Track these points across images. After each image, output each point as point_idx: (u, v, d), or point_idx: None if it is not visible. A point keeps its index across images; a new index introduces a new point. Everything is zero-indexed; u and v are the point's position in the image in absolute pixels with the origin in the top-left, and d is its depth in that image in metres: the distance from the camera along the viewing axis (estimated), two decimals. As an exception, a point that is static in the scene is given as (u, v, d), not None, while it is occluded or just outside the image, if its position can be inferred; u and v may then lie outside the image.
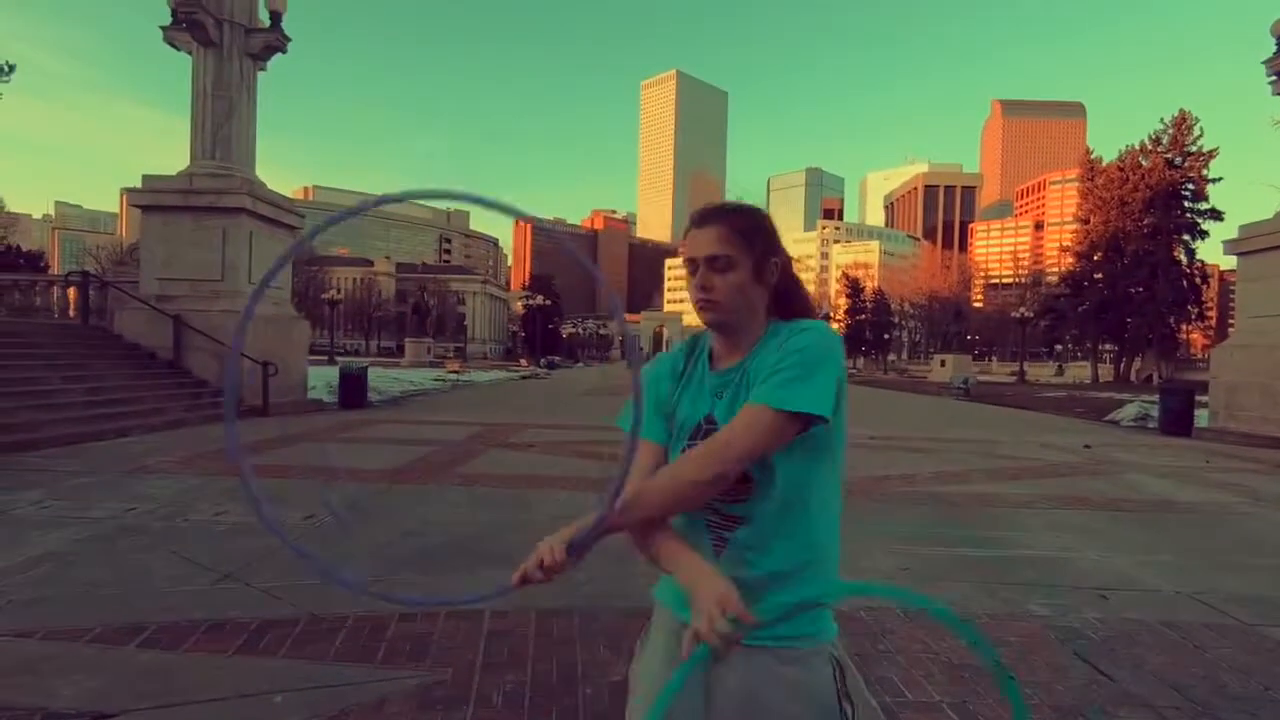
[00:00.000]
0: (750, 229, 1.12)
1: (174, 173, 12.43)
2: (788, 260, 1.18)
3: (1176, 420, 13.16)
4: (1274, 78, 12.59)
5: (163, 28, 12.28)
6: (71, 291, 14.76)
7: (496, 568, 4.02)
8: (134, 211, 15.20)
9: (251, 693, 2.54)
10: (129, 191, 12.02)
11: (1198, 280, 44.48)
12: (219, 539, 4.43)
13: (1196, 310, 45.31)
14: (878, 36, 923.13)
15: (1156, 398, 15.03)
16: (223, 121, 12.27)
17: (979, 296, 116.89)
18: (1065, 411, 19.00)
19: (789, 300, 1.17)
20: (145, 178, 12.00)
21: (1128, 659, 3.05)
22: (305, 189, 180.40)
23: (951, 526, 5.41)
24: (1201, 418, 13.72)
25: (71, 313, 14.53)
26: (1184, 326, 48.02)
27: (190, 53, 12.42)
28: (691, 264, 1.12)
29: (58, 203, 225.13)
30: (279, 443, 8.66)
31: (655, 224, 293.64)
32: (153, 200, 11.91)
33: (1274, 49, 12.46)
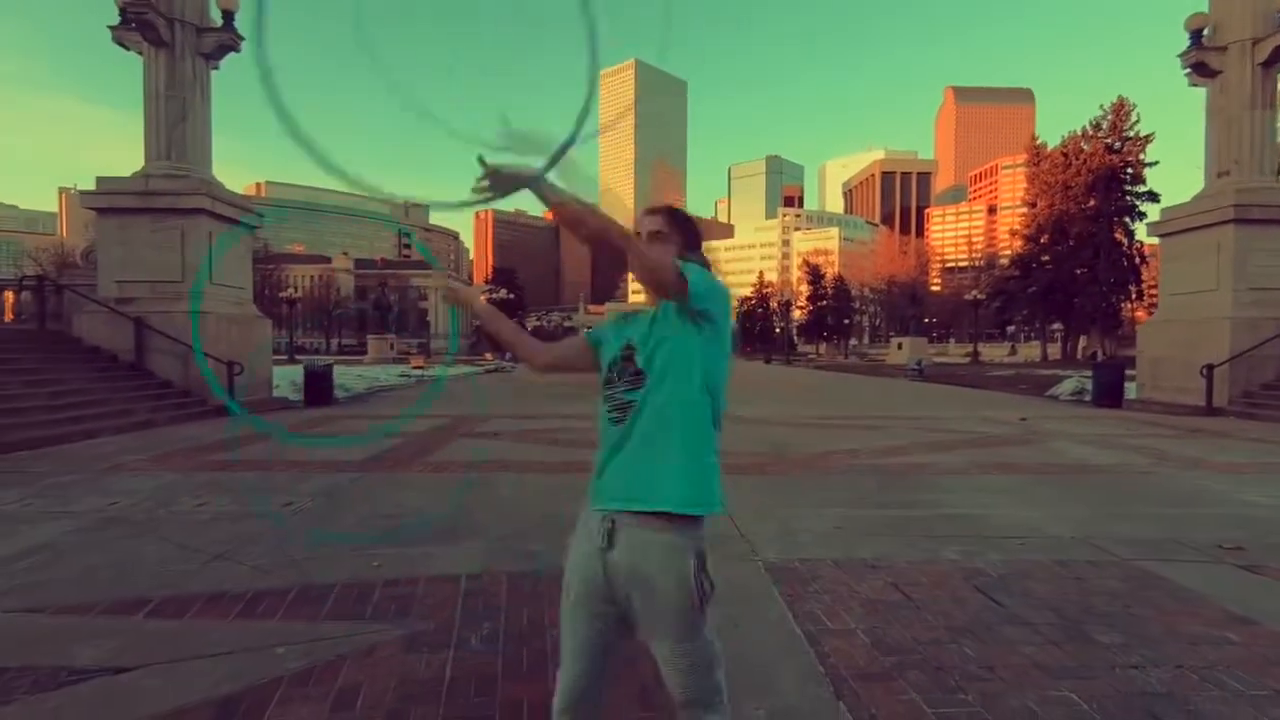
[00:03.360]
0: (678, 219, 1.65)
1: (122, 171, 12.35)
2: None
3: (1107, 393, 14.04)
4: (1188, 70, 13.47)
5: (111, 27, 12.15)
6: (9, 295, 14.55)
7: (471, 540, 4.39)
8: (74, 212, 15.01)
9: (255, 647, 2.88)
10: (84, 194, 11.88)
11: (1137, 260, 46.45)
12: (203, 527, 4.70)
13: (1137, 289, 47.30)
14: (833, 25, 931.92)
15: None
16: (177, 122, 12.21)
17: (936, 280, 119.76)
18: (1010, 388, 19.96)
19: None
20: (100, 180, 11.88)
21: (1019, 590, 3.57)
22: (257, 185, 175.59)
23: (885, 493, 5.93)
24: (1131, 390, 14.65)
25: (8, 316, 14.34)
26: (1126, 305, 50.12)
27: (140, 53, 12.31)
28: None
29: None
30: (252, 439, 8.83)
31: (617, 214, 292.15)
32: (108, 203, 11.82)
33: (1188, 43, 13.31)
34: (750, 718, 2.36)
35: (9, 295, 14.70)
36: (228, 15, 12.80)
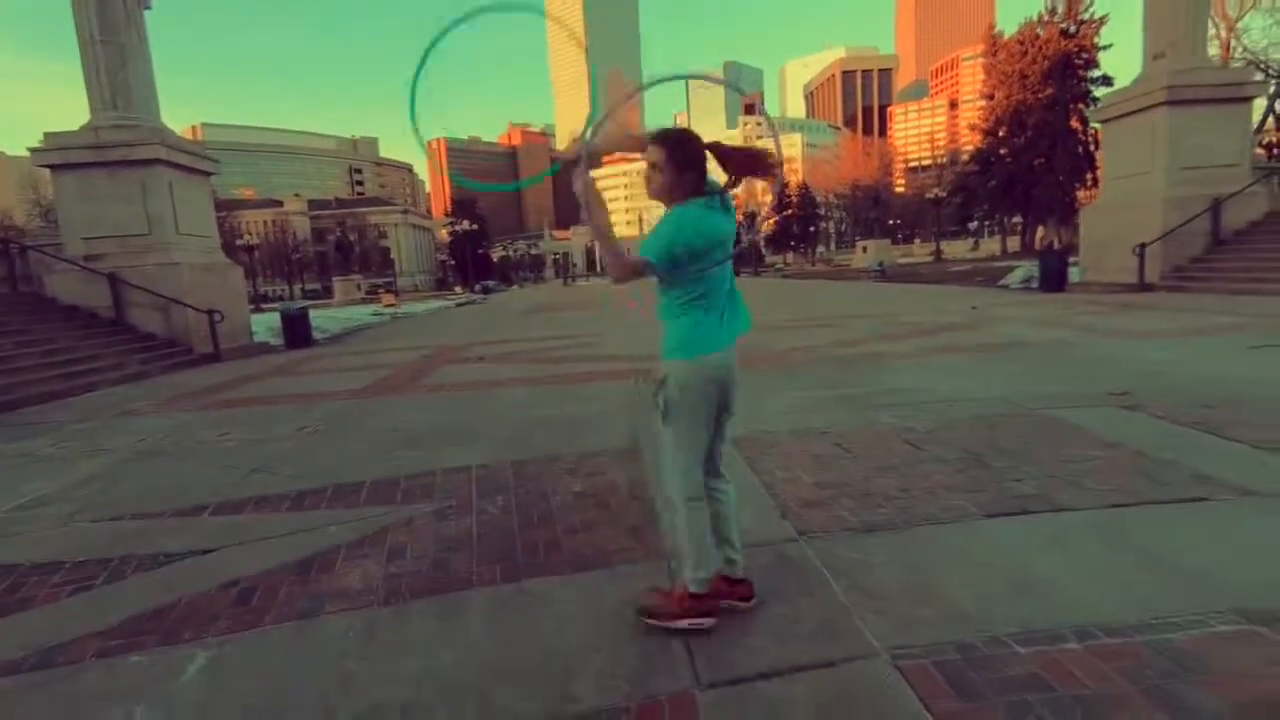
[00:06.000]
0: (671, 148, 2.19)
1: (50, 124, 12.11)
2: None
3: (1053, 278, 14.89)
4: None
5: (32, -29, 11.63)
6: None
7: (476, 443, 5.00)
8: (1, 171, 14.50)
9: (311, 528, 3.49)
10: (34, 151, 11.65)
11: (1092, 147, 46.90)
12: (232, 451, 5.24)
13: (1093, 177, 47.97)
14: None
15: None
16: (117, 69, 11.89)
17: (900, 181, 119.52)
18: (967, 282, 20.85)
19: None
20: (48, 135, 11.63)
21: (938, 438, 4.29)
22: (193, 128, 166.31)
23: (838, 377, 6.63)
24: (1076, 274, 15.53)
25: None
26: (1083, 193, 50.98)
27: (67, -5, 11.84)
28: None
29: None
30: (249, 379, 9.27)
31: (575, 135, 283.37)
32: (61, 158, 11.62)
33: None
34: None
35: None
36: (154, -50, 12.27)
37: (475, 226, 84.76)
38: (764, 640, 2.24)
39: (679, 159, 2.13)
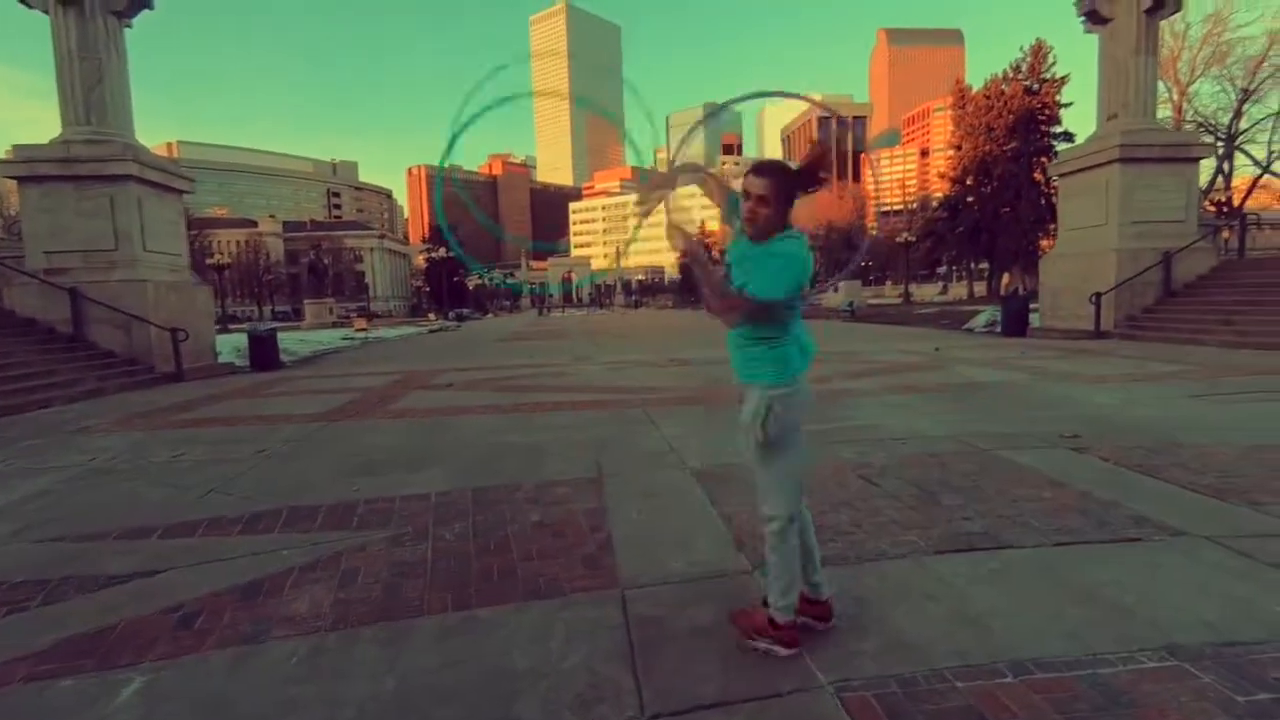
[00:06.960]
0: (781, 185, 2.20)
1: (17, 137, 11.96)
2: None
3: (1014, 323, 15.34)
4: (1083, 18, 14.42)
5: (11, -15, 11.60)
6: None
7: (437, 469, 4.97)
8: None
9: (263, 551, 3.44)
10: (1, 162, 11.51)
11: (1054, 199, 48.78)
12: (187, 471, 5.14)
13: (1054, 227, 49.75)
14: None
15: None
16: (93, 85, 11.82)
17: (873, 224, 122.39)
18: (933, 323, 21.35)
19: None
20: (16, 147, 11.48)
21: (893, 475, 4.38)
22: (169, 145, 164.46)
23: (803, 413, 6.73)
24: (1036, 320, 16.01)
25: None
26: (1045, 242, 52.73)
27: (46, 11, 11.80)
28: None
29: None
30: (210, 400, 9.09)
31: (555, 166, 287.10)
32: (28, 171, 11.44)
33: (1083, -9, 14.22)
34: (673, 569, 3.07)
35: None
36: (138, -30, 12.32)
37: (452, 254, 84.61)
38: (712, 670, 2.27)
39: (788, 192, 2.18)
